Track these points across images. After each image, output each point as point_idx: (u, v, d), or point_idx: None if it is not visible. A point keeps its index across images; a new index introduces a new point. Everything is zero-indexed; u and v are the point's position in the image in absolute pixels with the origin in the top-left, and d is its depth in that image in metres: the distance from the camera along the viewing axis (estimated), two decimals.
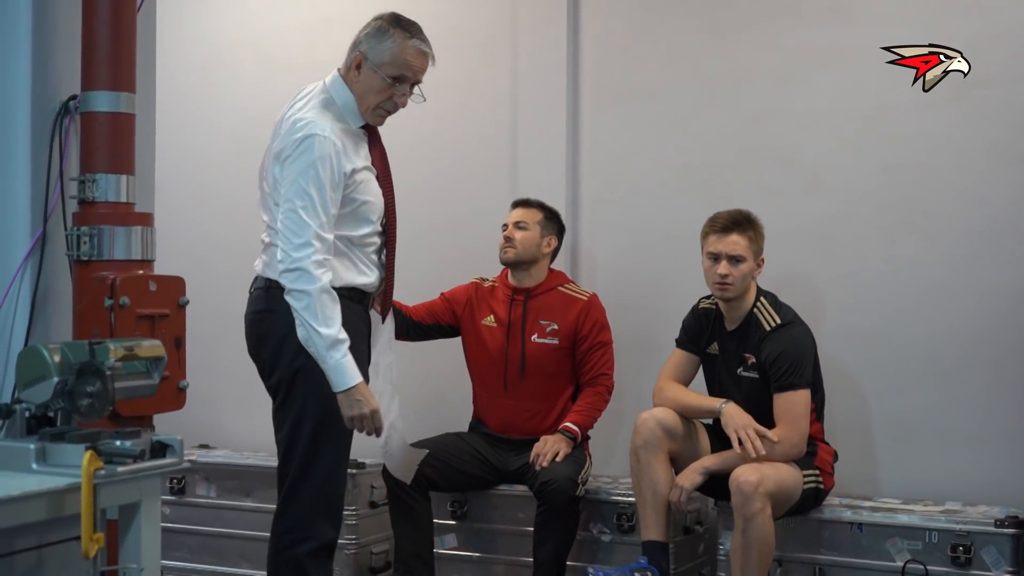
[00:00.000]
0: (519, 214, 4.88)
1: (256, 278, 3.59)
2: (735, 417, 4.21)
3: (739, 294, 4.33)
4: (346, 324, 3.42)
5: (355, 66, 3.59)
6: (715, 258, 4.32)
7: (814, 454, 4.28)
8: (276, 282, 3.46)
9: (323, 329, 3.35)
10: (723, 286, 4.31)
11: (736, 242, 4.31)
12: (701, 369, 4.53)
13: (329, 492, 3.57)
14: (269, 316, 3.51)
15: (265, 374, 3.58)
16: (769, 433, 4.15)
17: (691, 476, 4.22)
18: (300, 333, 3.38)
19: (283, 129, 3.50)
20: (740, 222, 4.34)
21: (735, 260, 4.29)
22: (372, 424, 3.48)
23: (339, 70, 3.64)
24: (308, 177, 3.39)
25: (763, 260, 4.35)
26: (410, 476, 4.36)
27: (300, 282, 3.35)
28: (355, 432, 3.55)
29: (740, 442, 4.12)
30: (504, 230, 4.87)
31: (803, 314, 4.38)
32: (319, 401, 3.47)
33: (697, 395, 4.43)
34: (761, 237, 4.35)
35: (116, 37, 3.29)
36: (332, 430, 3.51)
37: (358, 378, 3.42)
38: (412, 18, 3.73)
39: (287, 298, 3.38)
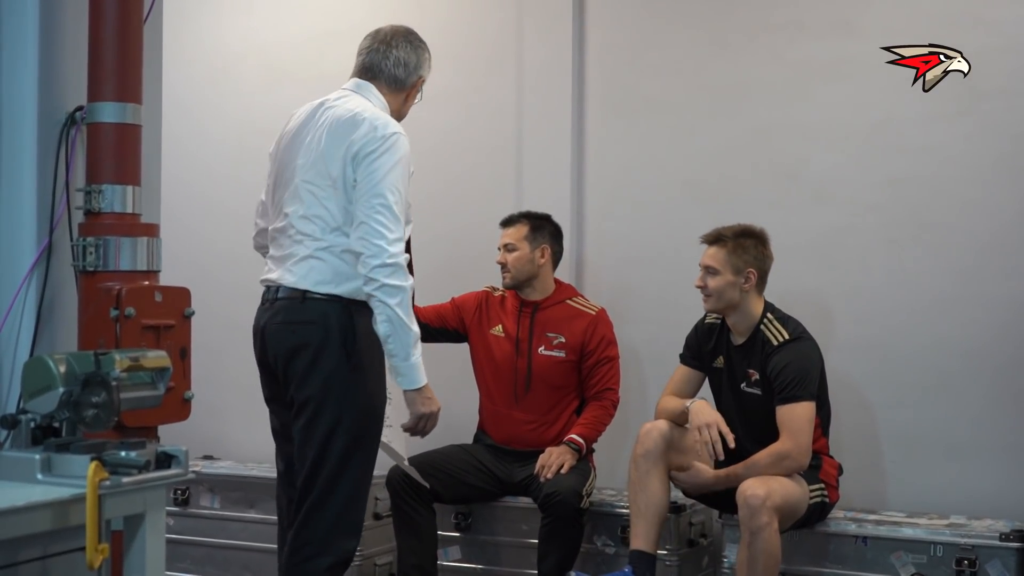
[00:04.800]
0: (506, 236, 4.89)
1: (279, 288, 3.58)
2: (700, 414, 4.24)
3: (721, 306, 4.35)
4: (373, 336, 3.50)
5: (417, 89, 3.80)
6: (701, 269, 4.39)
7: (819, 468, 4.27)
8: (314, 292, 3.49)
9: (413, 326, 3.43)
10: (703, 297, 4.37)
11: (711, 255, 4.37)
12: (708, 384, 4.54)
13: (353, 508, 3.56)
14: (307, 327, 3.51)
15: (293, 385, 3.55)
16: (730, 437, 4.16)
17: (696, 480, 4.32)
18: (383, 329, 3.41)
19: (358, 130, 3.51)
20: (721, 236, 4.39)
21: (709, 272, 4.34)
22: (434, 424, 3.58)
23: (362, 81, 3.74)
24: (397, 174, 3.46)
25: (752, 273, 4.32)
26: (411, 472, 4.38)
27: (396, 277, 3.39)
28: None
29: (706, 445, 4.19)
30: (499, 254, 4.88)
31: (808, 327, 4.38)
32: (353, 418, 3.49)
33: (678, 400, 4.44)
34: (745, 251, 4.34)
35: (123, 48, 3.29)
36: (363, 447, 3.54)
37: (425, 377, 3.51)
38: (419, 30, 3.79)
39: (377, 292, 3.39)
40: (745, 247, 4.35)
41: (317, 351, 3.49)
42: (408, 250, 3.68)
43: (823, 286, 4.91)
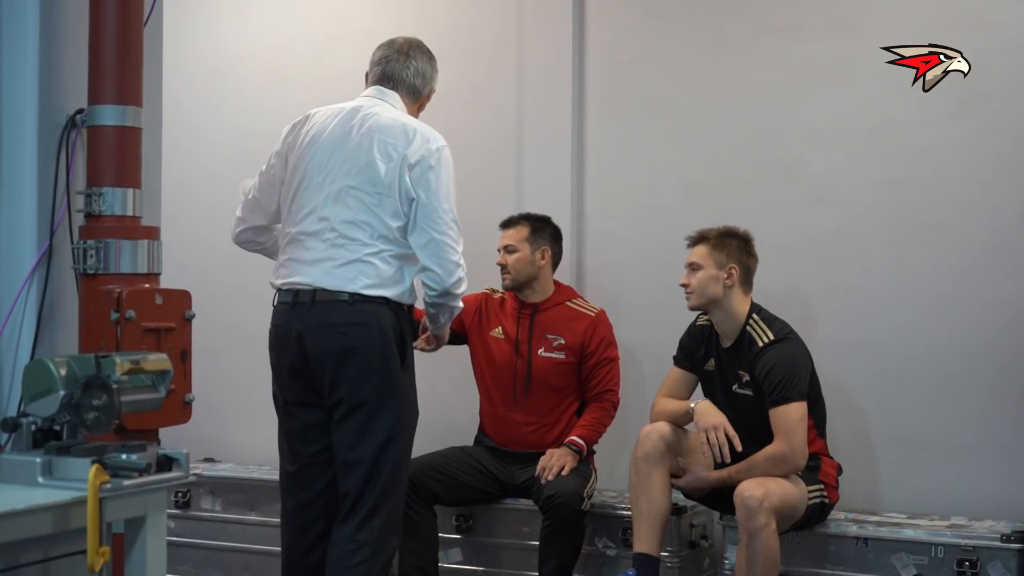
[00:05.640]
0: (506, 237, 4.89)
1: (316, 291, 3.60)
2: (706, 415, 4.25)
3: (704, 302, 4.36)
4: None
5: (427, 101, 3.93)
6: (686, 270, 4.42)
7: (818, 468, 4.27)
8: (362, 295, 3.57)
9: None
10: (685, 295, 4.39)
11: (695, 252, 4.40)
12: (700, 387, 4.54)
13: (401, 507, 3.73)
14: (358, 329, 3.57)
15: (342, 387, 3.60)
16: (736, 439, 4.17)
17: (694, 484, 4.32)
18: (445, 323, 3.92)
19: (411, 141, 3.65)
20: (704, 236, 4.42)
21: (692, 268, 4.37)
22: None
23: (385, 89, 3.83)
24: (452, 187, 3.70)
25: (734, 269, 4.32)
26: None
27: (463, 285, 3.74)
28: None
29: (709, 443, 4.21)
30: (499, 255, 4.88)
31: (807, 328, 4.38)
32: (407, 418, 3.66)
33: (678, 401, 4.45)
34: (728, 247, 4.36)
35: (123, 51, 3.29)
36: (408, 450, 3.70)
37: None
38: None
39: (451, 302, 3.74)
40: (727, 244, 4.37)
41: (373, 353, 3.57)
42: None
43: (823, 287, 4.90)
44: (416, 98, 3.89)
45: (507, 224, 4.93)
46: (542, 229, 4.90)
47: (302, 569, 3.78)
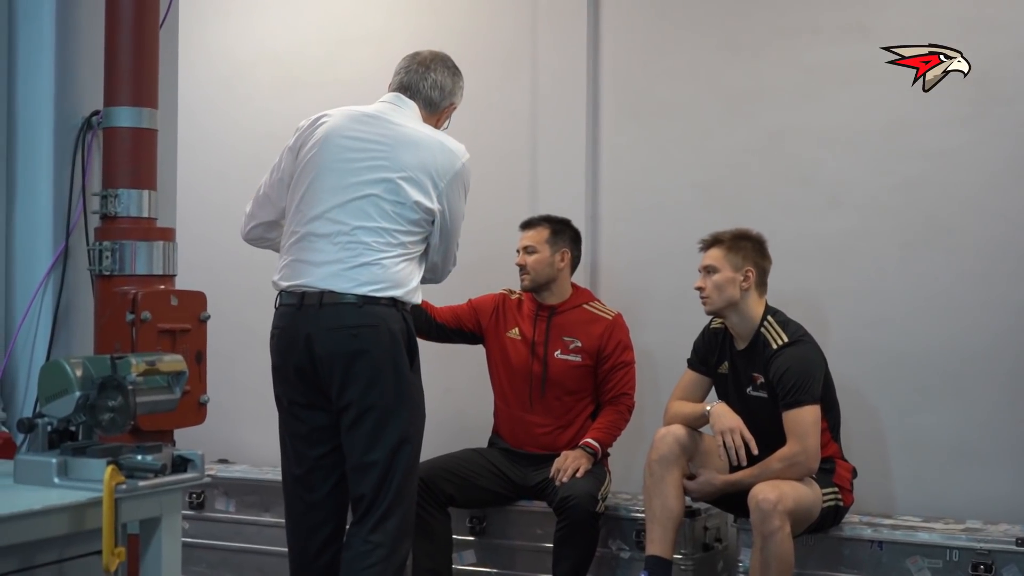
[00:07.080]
0: (526, 238, 4.88)
1: (324, 292, 3.56)
2: (722, 418, 4.24)
3: (721, 305, 4.34)
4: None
5: (447, 115, 3.92)
6: (700, 273, 4.41)
7: (832, 471, 4.26)
8: (372, 297, 3.55)
9: None
10: (701, 299, 4.38)
11: (710, 255, 4.38)
12: (713, 390, 4.53)
13: (413, 509, 3.73)
14: (368, 331, 3.54)
15: (352, 389, 3.57)
16: (752, 442, 4.16)
17: (705, 488, 4.31)
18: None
19: (439, 158, 3.69)
20: (719, 239, 4.40)
21: (708, 271, 4.35)
22: None
23: (403, 97, 3.81)
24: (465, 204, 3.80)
25: (751, 272, 4.31)
26: None
27: None
28: None
29: (724, 445, 4.20)
30: (518, 256, 4.88)
31: (820, 331, 4.37)
32: (417, 420, 3.65)
33: (692, 404, 4.44)
34: (743, 250, 4.34)
35: (138, 53, 3.31)
36: (419, 452, 3.69)
37: None
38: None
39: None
40: (742, 246, 4.36)
41: (383, 355, 3.55)
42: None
43: (836, 289, 4.89)
44: (433, 110, 3.86)
45: (527, 225, 4.93)
46: (562, 231, 4.89)
47: (312, 572, 3.77)
